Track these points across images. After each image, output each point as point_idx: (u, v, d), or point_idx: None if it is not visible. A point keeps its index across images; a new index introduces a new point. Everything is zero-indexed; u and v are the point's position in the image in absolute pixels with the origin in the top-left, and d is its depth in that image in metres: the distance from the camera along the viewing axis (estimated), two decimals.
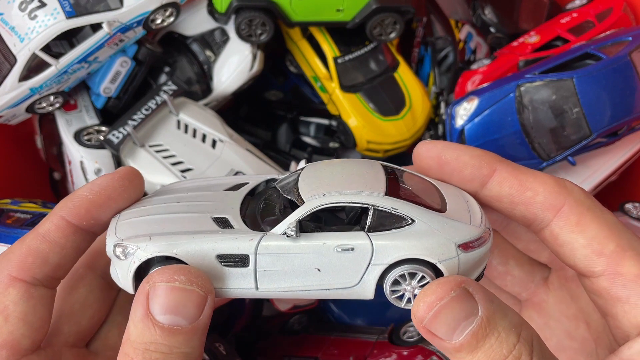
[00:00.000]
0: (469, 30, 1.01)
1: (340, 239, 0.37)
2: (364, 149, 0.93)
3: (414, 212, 0.37)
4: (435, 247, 0.36)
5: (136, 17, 0.78)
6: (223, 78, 0.91)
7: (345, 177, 0.40)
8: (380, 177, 0.40)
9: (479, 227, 0.38)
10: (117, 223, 0.41)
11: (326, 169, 0.41)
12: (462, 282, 0.35)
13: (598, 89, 0.74)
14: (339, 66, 0.91)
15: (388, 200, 0.37)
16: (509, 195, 0.39)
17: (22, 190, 0.92)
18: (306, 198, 0.38)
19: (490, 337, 0.33)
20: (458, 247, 0.36)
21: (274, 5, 0.84)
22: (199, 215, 0.40)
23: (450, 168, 0.41)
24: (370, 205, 0.37)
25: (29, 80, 0.77)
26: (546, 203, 0.38)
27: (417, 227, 0.37)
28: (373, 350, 0.73)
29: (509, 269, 0.48)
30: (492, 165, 0.40)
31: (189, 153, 0.80)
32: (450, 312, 0.34)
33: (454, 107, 0.84)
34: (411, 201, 0.38)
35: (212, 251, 0.38)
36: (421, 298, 0.35)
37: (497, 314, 0.34)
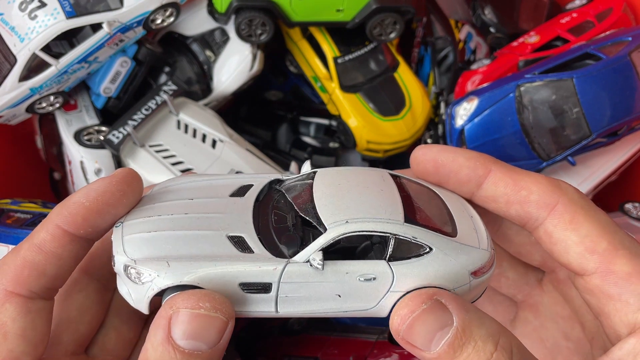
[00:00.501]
0: (469, 30, 1.01)
1: (363, 268, 0.38)
2: (364, 149, 0.93)
3: (432, 240, 0.38)
4: (452, 276, 0.37)
5: (136, 17, 0.78)
6: (223, 78, 0.91)
7: (363, 196, 0.40)
8: (396, 196, 0.40)
9: (487, 250, 0.39)
10: (123, 237, 0.39)
11: (340, 184, 0.41)
12: (433, 294, 0.35)
13: (598, 89, 0.74)
14: (339, 66, 0.91)
15: (408, 228, 0.38)
16: (504, 194, 0.40)
17: (22, 190, 0.92)
18: (328, 225, 0.38)
19: (467, 347, 0.33)
20: (470, 274, 0.37)
21: (274, 5, 0.84)
22: (214, 234, 0.39)
23: (447, 170, 0.41)
24: (391, 235, 0.37)
25: (29, 80, 0.77)
26: (540, 201, 0.39)
27: (435, 256, 0.37)
28: (373, 350, 0.73)
29: (502, 271, 0.48)
30: (487, 166, 0.40)
31: (189, 153, 0.80)
32: (424, 324, 0.34)
33: (454, 107, 0.84)
34: (428, 226, 0.38)
35: (234, 279, 0.37)
36: (395, 311, 0.36)
37: (473, 323, 0.34)
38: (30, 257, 0.38)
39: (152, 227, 0.39)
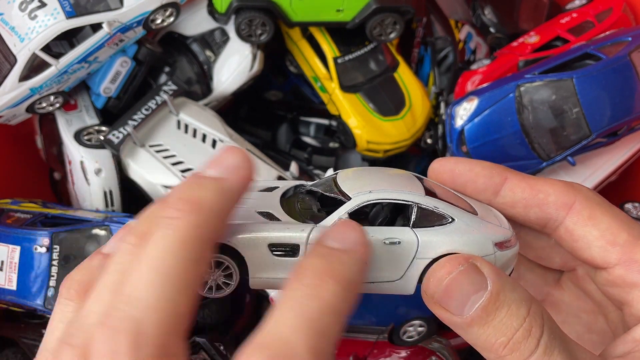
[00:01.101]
0: (469, 31, 1.01)
1: (388, 233, 0.39)
2: (364, 149, 0.93)
3: (454, 212, 0.40)
4: (476, 243, 0.38)
5: (136, 17, 0.78)
6: (223, 78, 0.91)
7: (384, 179, 0.42)
8: (416, 181, 0.42)
9: (508, 229, 0.40)
10: None
11: (361, 174, 0.43)
12: (469, 257, 0.36)
13: (598, 89, 0.74)
14: (338, 66, 0.91)
15: (430, 199, 0.40)
16: (522, 199, 0.41)
17: (22, 190, 0.92)
18: (352, 195, 0.40)
19: (501, 311, 0.34)
20: (494, 245, 0.39)
21: (274, 5, 0.84)
22: (245, 209, 0.41)
23: (464, 180, 0.43)
24: (414, 203, 0.39)
25: (29, 80, 0.77)
26: (558, 202, 0.40)
27: (458, 225, 0.39)
28: (373, 350, 0.73)
29: (520, 274, 0.49)
30: (503, 174, 0.42)
31: (189, 153, 0.80)
32: (459, 286, 0.35)
33: (454, 107, 0.84)
34: (449, 202, 0.40)
35: (264, 240, 0.39)
36: (431, 274, 0.37)
37: (507, 287, 0.35)
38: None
39: None
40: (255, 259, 0.39)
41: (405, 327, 0.75)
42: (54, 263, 0.70)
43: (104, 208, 0.82)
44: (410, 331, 0.74)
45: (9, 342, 0.80)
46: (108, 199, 0.81)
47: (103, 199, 0.81)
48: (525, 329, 0.34)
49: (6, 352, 0.79)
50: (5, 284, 0.71)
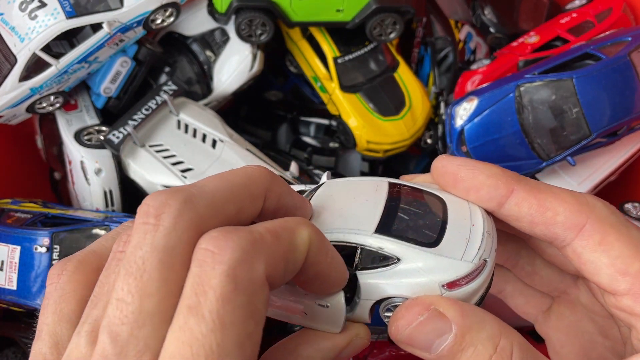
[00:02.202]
0: (469, 31, 1.01)
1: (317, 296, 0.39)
2: (364, 149, 0.93)
3: (400, 251, 0.37)
4: (418, 287, 0.36)
5: (136, 17, 0.78)
6: (223, 78, 0.91)
7: (346, 208, 0.40)
8: (379, 206, 0.40)
9: (471, 262, 0.37)
10: None
11: (333, 196, 0.42)
12: (430, 303, 0.35)
13: (598, 89, 0.74)
14: (338, 66, 0.91)
15: (376, 239, 0.38)
16: (528, 215, 0.38)
17: (22, 190, 0.92)
18: None
19: (467, 351, 0.34)
20: (442, 287, 0.36)
21: (274, 5, 0.84)
22: None
23: (466, 186, 0.40)
24: (358, 245, 0.38)
25: (29, 80, 0.77)
26: (567, 223, 0.37)
27: (401, 267, 0.37)
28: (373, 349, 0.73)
29: (536, 269, 0.47)
30: (510, 185, 0.39)
31: (189, 153, 0.80)
32: (422, 334, 0.34)
33: (454, 107, 0.84)
34: (400, 237, 0.38)
35: None
36: (392, 323, 0.36)
37: (473, 327, 0.34)
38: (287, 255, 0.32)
39: None
40: None
41: None
42: (54, 263, 0.70)
43: (104, 208, 0.82)
44: None
45: (9, 342, 0.80)
46: (108, 199, 0.81)
47: (103, 198, 0.81)
48: None
49: (6, 352, 0.79)
50: (5, 283, 0.71)
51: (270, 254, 0.31)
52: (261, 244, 0.30)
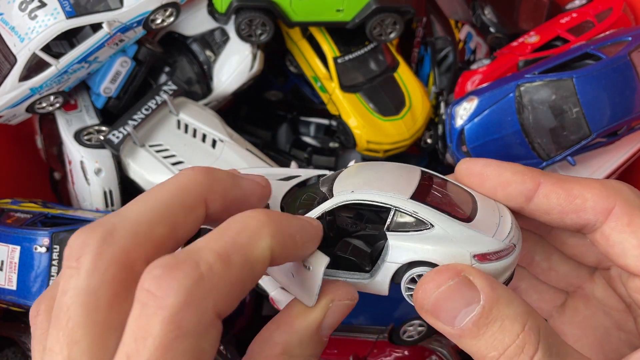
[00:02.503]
0: (469, 30, 1.01)
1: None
2: (364, 149, 0.93)
3: (434, 218, 0.38)
4: (449, 253, 0.37)
5: (136, 17, 0.78)
6: (223, 78, 0.91)
7: (380, 178, 0.41)
8: (413, 181, 0.41)
9: (501, 241, 0.38)
10: None
11: (366, 170, 0.43)
12: (461, 270, 0.34)
13: (598, 89, 0.74)
14: (338, 66, 0.91)
15: (410, 203, 0.38)
16: (558, 205, 0.39)
17: (22, 190, 0.92)
18: (335, 192, 0.40)
19: (493, 325, 0.33)
20: (473, 257, 0.37)
21: (274, 5, 0.84)
22: None
23: (493, 184, 0.41)
24: (392, 207, 0.38)
25: (29, 80, 0.77)
26: (597, 207, 0.38)
27: (435, 232, 0.37)
28: (373, 349, 0.73)
29: (552, 265, 0.47)
30: (536, 179, 0.40)
31: (189, 153, 0.80)
32: (449, 300, 0.34)
33: (454, 107, 0.84)
34: (435, 207, 0.38)
35: None
36: (420, 286, 0.35)
37: (501, 301, 0.34)
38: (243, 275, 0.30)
39: None
40: None
41: (405, 326, 0.75)
42: (54, 263, 0.70)
43: (104, 208, 0.82)
44: (410, 331, 0.74)
45: (9, 342, 0.80)
46: (108, 199, 0.81)
47: (103, 198, 0.81)
48: (518, 345, 0.32)
49: (6, 352, 0.79)
50: (5, 284, 0.71)
51: (221, 288, 0.29)
52: (209, 280, 0.28)
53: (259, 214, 0.33)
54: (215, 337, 0.29)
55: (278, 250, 0.32)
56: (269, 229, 0.32)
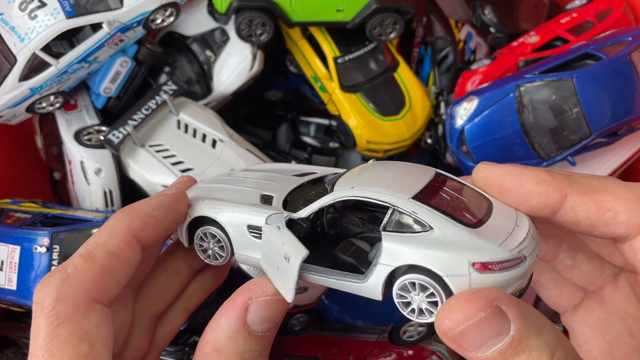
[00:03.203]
0: (469, 30, 1.01)
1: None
2: (364, 149, 0.93)
3: (434, 220, 0.36)
4: (445, 259, 0.34)
5: (136, 17, 0.78)
6: (223, 78, 0.91)
7: (387, 177, 0.40)
8: (421, 182, 0.39)
9: (508, 251, 0.35)
10: (194, 186, 0.48)
11: (377, 168, 0.42)
12: (494, 299, 0.32)
13: (598, 89, 0.74)
14: (339, 66, 0.91)
15: (411, 203, 0.36)
16: (587, 218, 0.36)
17: (22, 190, 0.92)
18: (336, 187, 0.40)
19: (520, 356, 0.31)
20: (472, 266, 0.34)
21: (274, 5, 0.84)
22: (253, 191, 0.45)
23: (515, 197, 0.38)
24: (390, 205, 0.37)
25: (29, 80, 0.77)
26: (630, 222, 0.36)
27: (433, 236, 0.35)
28: (373, 349, 0.73)
29: (576, 263, 0.45)
30: (562, 190, 0.37)
31: (189, 153, 0.80)
32: (479, 332, 0.31)
33: (454, 107, 0.84)
34: (439, 209, 0.36)
35: (244, 221, 0.42)
36: (446, 314, 0.32)
37: (531, 331, 0.32)
38: (109, 264, 0.38)
39: (214, 181, 0.49)
40: (238, 237, 0.43)
41: (405, 327, 0.75)
42: (54, 263, 0.70)
43: (104, 208, 0.82)
44: (410, 331, 0.74)
45: (9, 342, 0.80)
46: (108, 199, 0.81)
47: (103, 198, 0.81)
48: None
49: (6, 352, 0.79)
50: (5, 284, 0.71)
51: (89, 278, 0.36)
52: (75, 276, 0.36)
53: (118, 212, 0.40)
54: (99, 319, 0.36)
55: (143, 230, 0.39)
56: (125, 219, 0.39)
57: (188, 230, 0.45)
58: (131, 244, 0.39)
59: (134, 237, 0.39)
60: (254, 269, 0.75)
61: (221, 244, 0.44)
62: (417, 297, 0.36)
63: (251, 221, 0.41)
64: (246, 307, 0.37)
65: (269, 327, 0.37)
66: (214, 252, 0.45)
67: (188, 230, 0.45)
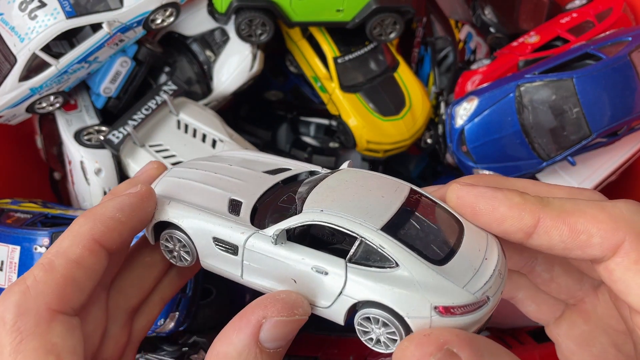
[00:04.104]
0: (469, 30, 1.01)
1: (319, 260, 0.37)
2: (364, 149, 0.93)
3: (401, 257, 0.35)
4: (408, 300, 0.34)
5: (136, 17, 0.78)
6: (223, 78, 0.91)
7: (357, 198, 0.39)
8: (393, 205, 0.38)
9: (472, 293, 0.35)
10: (162, 177, 0.47)
11: (348, 182, 0.41)
12: (445, 342, 0.31)
13: (598, 89, 0.74)
14: (339, 66, 0.91)
15: (379, 236, 0.36)
16: (561, 242, 0.36)
17: (22, 190, 0.92)
18: (305, 209, 0.39)
19: None
20: (434, 309, 0.34)
21: (274, 5, 0.84)
22: (221, 193, 0.44)
23: (487, 219, 0.38)
24: (359, 237, 0.36)
25: (29, 80, 0.77)
26: (604, 244, 0.35)
27: (398, 273, 0.35)
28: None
29: (554, 277, 0.44)
30: (535, 214, 0.36)
31: (189, 153, 0.80)
32: None
33: (454, 107, 0.84)
34: (407, 243, 0.36)
35: (209, 232, 0.41)
36: (398, 357, 0.33)
37: None
38: (71, 274, 0.37)
39: (184, 175, 0.46)
40: (202, 246, 0.42)
41: None
42: None
43: None
44: None
45: None
46: None
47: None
48: None
49: None
50: (5, 284, 0.71)
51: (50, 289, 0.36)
52: (35, 288, 0.36)
53: (80, 216, 0.39)
54: (64, 329, 0.36)
55: (106, 235, 0.38)
56: (87, 224, 0.38)
57: (154, 229, 0.44)
58: (93, 250, 0.38)
59: (96, 242, 0.38)
60: None
61: (187, 249, 0.43)
62: (378, 331, 0.36)
63: (217, 234, 0.41)
64: (260, 325, 0.36)
65: (282, 344, 0.37)
66: (179, 255, 0.44)
67: (154, 229, 0.44)
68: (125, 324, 0.45)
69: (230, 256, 0.41)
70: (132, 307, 0.46)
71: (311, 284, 0.38)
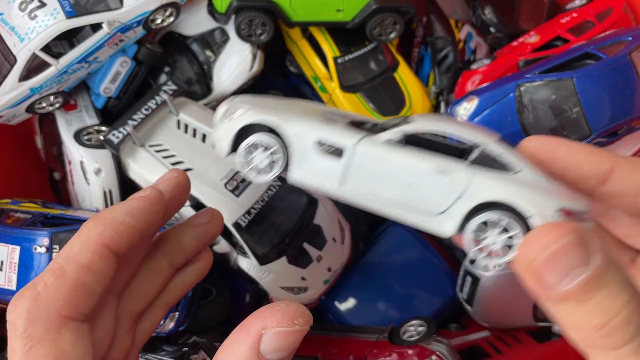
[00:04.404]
0: (469, 30, 1.01)
1: (441, 161, 0.36)
2: None
3: (523, 164, 0.35)
4: (536, 202, 0.34)
5: (136, 17, 0.78)
6: (223, 78, 0.91)
7: (462, 126, 0.39)
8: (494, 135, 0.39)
9: (583, 202, 0.35)
10: (235, 99, 0.43)
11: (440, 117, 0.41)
12: (577, 228, 0.31)
13: (598, 88, 0.74)
14: (339, 66, 0.91)
15: (500, 145, 0.36)
16: (633, 189, 0.37)
17: (22, 190, 0.92)
18: (421, 119, 0.38)
19: (601, 290, 0.30)
20: (559, 211, 0.34)
21: (274, 5, 0.84)
22: (312, 110, 0.41)
23: (564, 165, 0.38)
24: (480, 144, 0.36)
25: (29, 80, 0.77)
26: None
27: (522, 177, 0.35)
28: (373, 349, 0.73)
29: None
30: (612, 161, 0.37)
31: (189, 153, 0.80)
32: (563, 258, 0.30)
33: (454, 107, 0.84)
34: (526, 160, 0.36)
35: (314, 134, 0.38)
36: (531, 240, 0.32)
37: (612, 267, 0.31)
38: (81, 279, 0.37)
39: (265, 99, 0.44)
40: (299, 152, 0.38)
41: (405, 326, 0.75)
42: None
43: (104, 208, 0.82)
44: (410, 331, 0.74)
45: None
46: (108, 199, 0.81)
47: (103, 199, 0.81)
48: (626, 315, 0.30)
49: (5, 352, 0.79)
50: (5, 284, 0.71)
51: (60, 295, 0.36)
52: (45, 295, 0.36)
53: (90, 220, 0.39)
54: (74, 336, 0.36)
55: (115, 239, 0.38)
56: (97, 229, 0.38)
57: (235, 137, 0.41)
58: (103, 255, 0.38)
59: (105, 247, 0.38)
60: (254, 269, 0.75)
61: (271, 159, 0.40)
62: (495, 237, 0.35)
63: (322, 135, 0.38)
64: (260, 336, 0.36)
65: (284, 355, 0.36)
66: (261, 167, 0.40)
67: (235, 137, 0.41)
68: (130, 328, 0.45)
69: (330, 164, 0.38)
70: (137, 312, 0.46)
71: (427, 187, 0.36)
